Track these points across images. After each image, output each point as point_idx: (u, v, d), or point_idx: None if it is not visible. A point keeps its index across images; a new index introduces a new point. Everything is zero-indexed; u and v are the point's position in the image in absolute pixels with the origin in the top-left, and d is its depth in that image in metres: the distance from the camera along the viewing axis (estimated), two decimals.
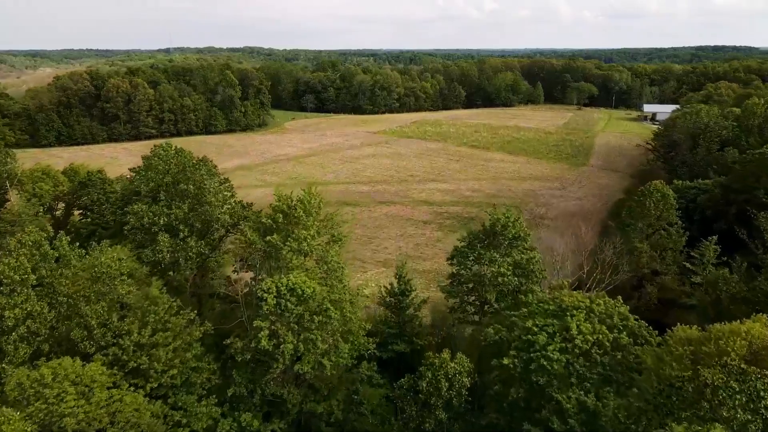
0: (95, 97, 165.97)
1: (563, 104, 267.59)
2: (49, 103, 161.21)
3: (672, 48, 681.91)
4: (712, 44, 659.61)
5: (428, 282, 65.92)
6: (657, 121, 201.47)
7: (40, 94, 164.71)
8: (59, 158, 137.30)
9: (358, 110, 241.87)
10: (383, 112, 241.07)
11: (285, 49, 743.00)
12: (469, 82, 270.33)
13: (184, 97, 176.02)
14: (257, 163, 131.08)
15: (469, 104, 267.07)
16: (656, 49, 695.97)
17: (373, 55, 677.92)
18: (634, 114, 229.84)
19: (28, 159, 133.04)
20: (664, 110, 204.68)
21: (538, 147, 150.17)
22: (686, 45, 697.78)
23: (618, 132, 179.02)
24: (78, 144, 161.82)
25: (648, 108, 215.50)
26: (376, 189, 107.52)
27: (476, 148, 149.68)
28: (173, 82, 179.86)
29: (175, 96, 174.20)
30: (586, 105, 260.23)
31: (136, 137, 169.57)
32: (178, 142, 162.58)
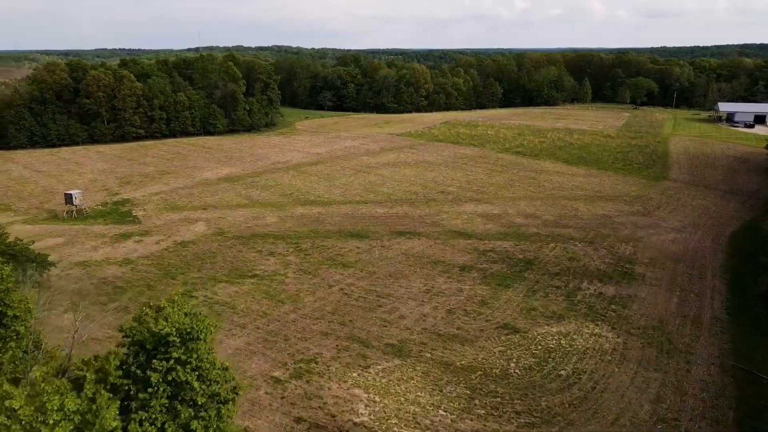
0: (74, 92, 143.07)
1: (614, 103, 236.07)
2: (20, 99, 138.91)
3: (715, 46, 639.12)
4: (757, 42, 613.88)
5: (471, 394, 38.63)
6: (736, 122, 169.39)
7: (11, 88, 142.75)
8: (15, 164, 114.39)
9: (380, 109, 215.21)
10: (409, 111, 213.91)
11: (313, 48, 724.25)
12: (506, 78, 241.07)
13: (178, 92, 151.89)
14: (249, 172, 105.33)
15: (506, 103, 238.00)
16: (697, 47, 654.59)
17: (402, 53, 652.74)
18: (703, 114, 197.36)
19: None
20: (745, 110, 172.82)
21: (600, 154, 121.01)
22: (728, 43, 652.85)
23: (693, 136, 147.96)
24: (54, 146, 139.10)
25: (723, 107, 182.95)
26: (395, 212, 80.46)
27: (522, 155, 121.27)
28: (167, 76, 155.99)
29: (167, 91, 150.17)
30: (642, 104, 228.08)
31: (122, 138, 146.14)
32: (169, 143, 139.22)
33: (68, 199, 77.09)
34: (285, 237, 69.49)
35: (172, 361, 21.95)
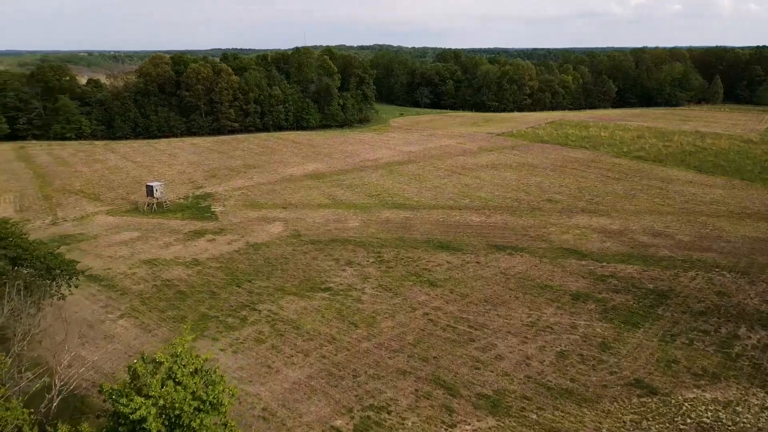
0: (175, 85, 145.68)
1: (751, 104, 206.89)
2: (126, 91, 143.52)
3: None
4: None
5: None
6: None
7: (119, 81, 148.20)
8: (114, 153, 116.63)
9: (480, 107, 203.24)
10: (511, 110, 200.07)
11: (414, 48, 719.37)
12: (621, 75, 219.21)
13: (273, 85, 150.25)
14: (336, 170, 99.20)
15: (620, 103, 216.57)
16: None
17: (504, 52, 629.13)
18: None
19: (70, 155, 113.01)
20: None
21: (741, 162, 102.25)
22: None
23: None
24: (154, 137, 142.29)
25: None
26: (493, 221, 70.07)
27: (644, 160, 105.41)
28: (264, 70, 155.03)
29: (263, 84, 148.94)
30: None
31: (218, 131, 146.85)
32: (260, 137, 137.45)
33: (149, 191, 74.57)
34: (366, 244, 61.66)
35: None
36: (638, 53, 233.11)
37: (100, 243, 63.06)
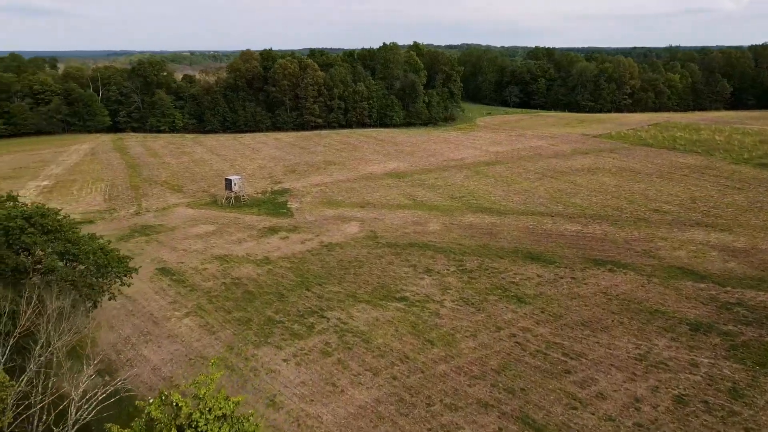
0: (263, 80, 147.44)
1: None
2: (216, 86, 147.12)
3: None
4: None
5: None
6: None
7: (211, 77, 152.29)
8: (201, 146, 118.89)
9: (573, 107, 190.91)
10: (608, 111, 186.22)
11: (503, 47, 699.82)
12: (738, 74, 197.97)
13: (358, 81, 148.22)
14: (417, 169, 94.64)
15: (734, 104, 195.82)
16: None
17: (600, 51, 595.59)
18: None
19: (161, 147, 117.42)
20: None
21: None
22: None
23: None
24: (240, 131, 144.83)
25: None
26: (590, 231, 62.50)
27: None
28: (350, 66, 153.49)
29: (347, 80, 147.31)
30: None
31: (302, 126, 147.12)
32: (342, 133, 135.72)
33: (228, 184, 73.81)
34: (447, 251, 56.56)
35: None
36: (758, 50, 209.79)
37: (177, 235, 62.54)
